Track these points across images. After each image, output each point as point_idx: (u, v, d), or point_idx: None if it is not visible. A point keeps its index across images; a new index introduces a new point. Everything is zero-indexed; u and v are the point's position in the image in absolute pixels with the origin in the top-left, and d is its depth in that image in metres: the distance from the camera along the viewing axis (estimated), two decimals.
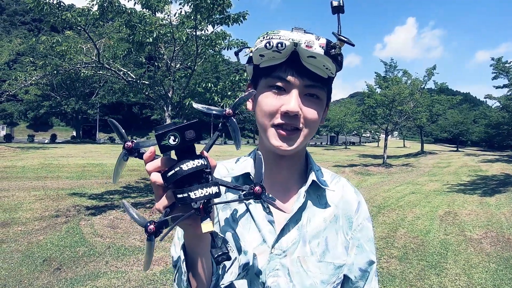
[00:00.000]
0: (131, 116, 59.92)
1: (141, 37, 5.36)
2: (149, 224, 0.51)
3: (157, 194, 0.54)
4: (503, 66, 21.72)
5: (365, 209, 0.85)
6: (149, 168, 0.52)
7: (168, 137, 0.48)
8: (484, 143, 54.41)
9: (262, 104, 0.71)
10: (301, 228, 0.76)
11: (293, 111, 0.68)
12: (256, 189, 0.55)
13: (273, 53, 0.67)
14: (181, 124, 0.48)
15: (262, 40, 0.67)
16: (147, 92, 6.77)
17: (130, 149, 0.53)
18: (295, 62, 0.67)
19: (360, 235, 0.81)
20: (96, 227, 5.66)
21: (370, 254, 0.81)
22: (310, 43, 0.65)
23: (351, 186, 0.87)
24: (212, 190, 0.51)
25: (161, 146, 0.48)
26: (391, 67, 20.26)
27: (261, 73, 0.72)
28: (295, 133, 0.71)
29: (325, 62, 0.67)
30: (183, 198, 0.50)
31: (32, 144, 27.25)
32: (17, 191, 8.27)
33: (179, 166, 0.50)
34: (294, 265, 0.73)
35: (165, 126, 0.49)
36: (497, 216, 7.13)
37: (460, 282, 4.10)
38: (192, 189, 0.50)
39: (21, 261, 4.28)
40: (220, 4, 5.05)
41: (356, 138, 71.38)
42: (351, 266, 0.78)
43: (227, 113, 0.60)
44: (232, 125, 0.62)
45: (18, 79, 6.82)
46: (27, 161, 13.64)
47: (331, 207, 0.80)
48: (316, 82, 0.69)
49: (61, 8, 5.36)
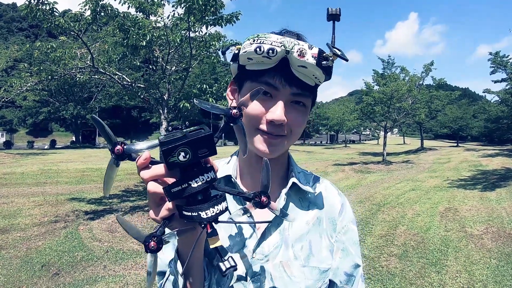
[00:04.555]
0: (130, 119, 59.99)
1: (135, 41, 5.35)
2: (150, 240, 0.46)
3: (153, 203, 0.49)
4: (501, 60, 21.70)
5: (349, 211, 0.83)
6: (146, 176, 0.46)
7: (178, 153, 0.42)
8: (484, 138, 54.37)
9: (247, 108, 0.69)
10: (283, 232, 0.74)
11: (279, 120, 0.66)
12: (264, 200, 0.53)
13: (263, 58, 0.64)
14: (192, 137, 0.42)
15: (251, 44, 0.64)
16: (142, 96, 6.77)
17: (121, 153, 0.45)
18: (284, 69, 0.65)
19: (345, 238, 0.79)
20: (94, 232, 5.64)
21: (356, 258, 0.79)
22: (302, 53, 0.62)
23: (335, 188, 0.86)
24: (222, 207, 0.48)
25: (169, 163, 0.42)
26: (389, 64, 20.26)
27: (247, 75, 0.70)
28: (279, 139, 0.70)
29: (315, 71, 0.65)
30: (192, 217, 0.46)
31: (31, 150, 27.29)
32: (17, 197, 8.26)
33: (187, 183, 0.44)
34: (277, 270, 0.71)
35: (173, 139, 0.42)
36: (498, 211, 7.11)
37: (461, 279, 4.07)
38: (202, 208, 0.45)
39: (20, 267, 4.27)
40: (212, 5, 5.04)
41: (356, 136, 71.42)
42: (336, 270, 0.76)
43: (234, 114, 0.52)
44: (239, 128, 0.55)
45: (13, 86, 6.82)
46: (26, 167, 13.63)
47: (314, 210, 0.78)
48: (303, 90, 0.68)
49: (54, 14, 5.35)
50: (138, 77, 8.91)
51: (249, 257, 0.71)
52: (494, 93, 24.92)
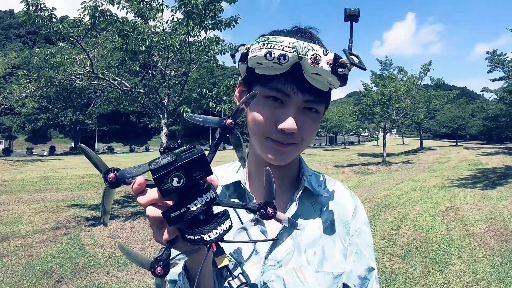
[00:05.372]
0: (129, 125, 60.00)
1: (134, 46, 5.36)
2: (156, 266, 0.45)
3: (155, 227, 0.48)
4: (499, 58, 21.80)
5: (362, 213, 0.81)
6: (142, 202, 0.45)
7: (171, 179, 0.40)
8: (483, 136, 54.51)
9: (256, 114, 0.67)
10: (296, 237, 0.72)
11: (290, 129, 0.63)
12: (269, 211, 0.51)
13: (273, 64, 0.60)
14: (183, 160, 0.40)
15: (261, 48, 0.60)
16: (142, 101, 6.77)
17: (114, 182, 0.43)
18: (296, 75, 0.61)
19: (359, 240, 0.77)
20: (96, 238, 5.62)
21: (370, 261, 0.77)
22: (317, 59, 0.58)
23: (347, 190, 0.83)
24: (226, 226, 0.46)
25: (163, 191, 0.41)
26: (387, 65, 20.34)
27: (256, 79, 0.66)
28: (290, 147, 0.67)
29: (329, 78, 0.61)
30: (195, 241, 0.44)
31: (31, 157, 27.24)
32: (17, 204, 8.23)
33: (186, 206, 0.43)
34: (289, 275, 0.70)
35: (164, 165, 0.40)
36: (499, 209, 7.11)
37: (465, 278, 4.07)
38: (204, 231, 0.44)
39: (22, 274, 4.25)
40: (211, 9, 5.06)
41: (355, 137, 71.48)
42: (350, 274, 0.75)
43: (228, 124, 0.49)
44: (235, 138, 0.52)
45: (13, 92, 6.81)
46: (26, 174, 13.60)
47: (327, 214, 0.76)
48: (316, 97, 0.64)
49: (53, 21, 5.36)
50: (137, 82, 8.91)
51: (262, 264, 0.70)
52: (492, 92, 25.05)
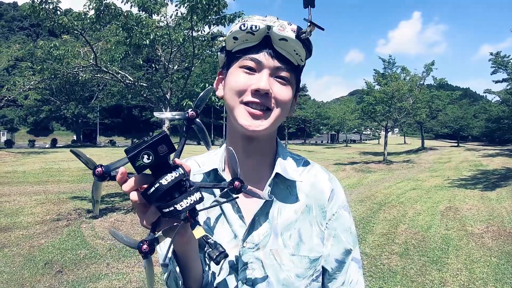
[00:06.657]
0: (131, 118, 60.06)
1: (138, 40, 5.38)
2: (142, 244, 0.52)
3: (140, 211, 0.54)
4: (502, 60, 21.67)
5: (341, 197, 0.80)
6: (126, 189, 0.51)
7: (142, 156, 0.47)
8: (484, 138, 54.24)
9: (232, 82, 0.71)
10: (272, 221, 0.74)
11: (264, 89, 0.67)
12: (236, 184, 0.57)
13: (247, 35, 0.68)
14: (150, 141, 0.48)
15: (237, 24, 0.70)
16: (145, 94, 6.79)
17: (101, 174, 0.50)
18: (267, 45, 0.70)
19: (336, 224, 0.78)
20: (97, 230, 5.67)
21: (346, 244, 0.77)
22: (282, 27, 0.67)
23: (325, 173, 0.83)
24: (196, 197, 0.51)
25: (136, 167, 0.48)
26: (390, 64, 20.27)
27: (234, 57, 0.72)
28: (265, 113, 0.70)
29: (296, 46, 0.69)
30: (170, 212, 0.51)
31: (33, 149, 27.30)
32: (18, 195, 8.29)
33: (158, 182, 0.50)
34: (267, 257, 0.72)
35: (135, 146, 0.48)
36: (498, 210, 7.13)
37: (461, 277, 4.10)
38: (176, 201, 0.50)
39: (23, 264, 4.30)
40: (215, 4, 5.06)
41: (356, 135, 71.28)
42: (328, 257, 0.76)
43: (190, 116, 0.60)
44: (197, 127, 0.62)
45: (16, 84, 6.84)
46: (28, 166, 13.67)
47: (303, 198, 0.77)
48: (286, 65, 0.71)
49: (58, 13, 5.38)
50: (140, 76, 8.93)
51: (240, 247, 0.72)
52: (495, 93, 24.94)
